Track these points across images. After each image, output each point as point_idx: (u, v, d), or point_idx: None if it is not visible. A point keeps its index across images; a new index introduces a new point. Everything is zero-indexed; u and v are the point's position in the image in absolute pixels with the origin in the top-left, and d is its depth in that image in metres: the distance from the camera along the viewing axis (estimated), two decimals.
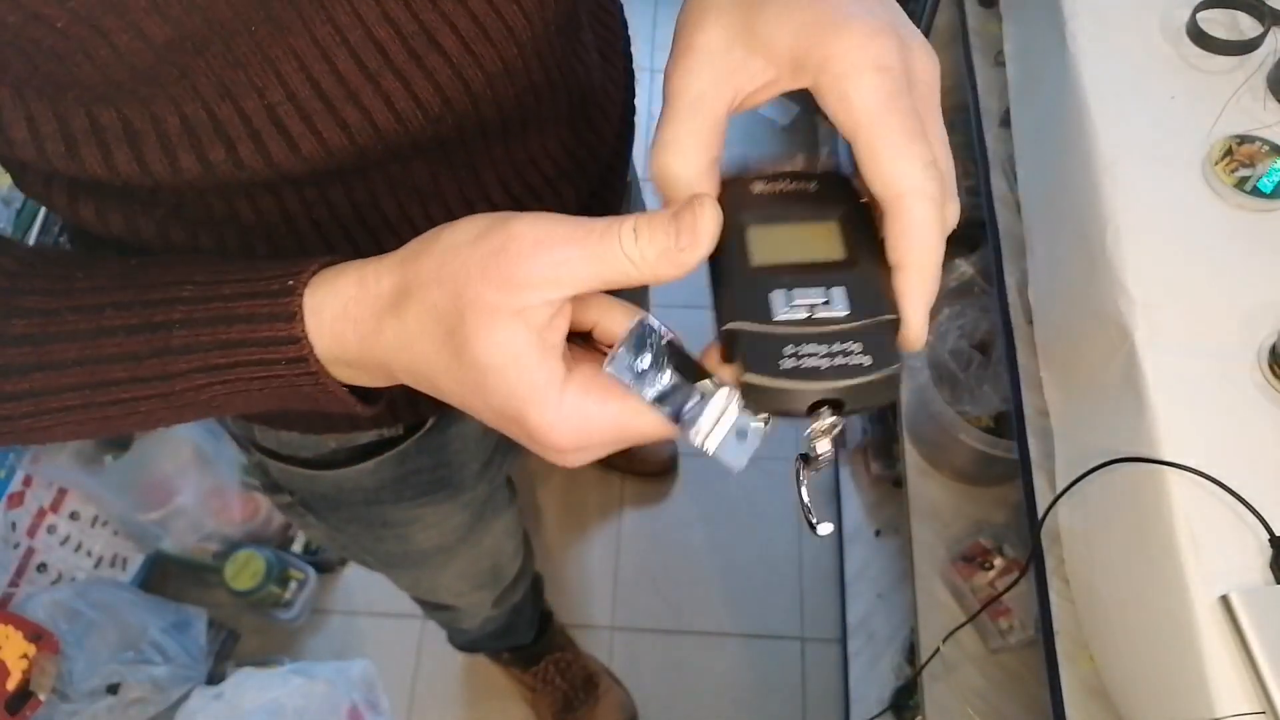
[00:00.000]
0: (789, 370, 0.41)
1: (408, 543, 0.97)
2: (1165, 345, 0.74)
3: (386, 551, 1.01)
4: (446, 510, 0.94)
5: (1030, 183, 1.02)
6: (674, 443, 2.04)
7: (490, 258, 0.40)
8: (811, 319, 0.42)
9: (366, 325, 0.43)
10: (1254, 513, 0.66)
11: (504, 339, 0.40)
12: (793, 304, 0.42)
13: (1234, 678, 0.61)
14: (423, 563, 1.06)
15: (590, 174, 0.70)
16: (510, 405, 0.41)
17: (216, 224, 0.55)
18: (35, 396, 0.47)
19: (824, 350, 0.41)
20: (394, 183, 0.57)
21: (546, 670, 1.75)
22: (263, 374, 0.46)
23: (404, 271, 0.43)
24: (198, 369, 0.46)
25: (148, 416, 0.49)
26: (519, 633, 1.64)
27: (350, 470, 0.80)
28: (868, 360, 0.41)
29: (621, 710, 1.78)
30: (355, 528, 0.95)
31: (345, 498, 0.86)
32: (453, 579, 1.16)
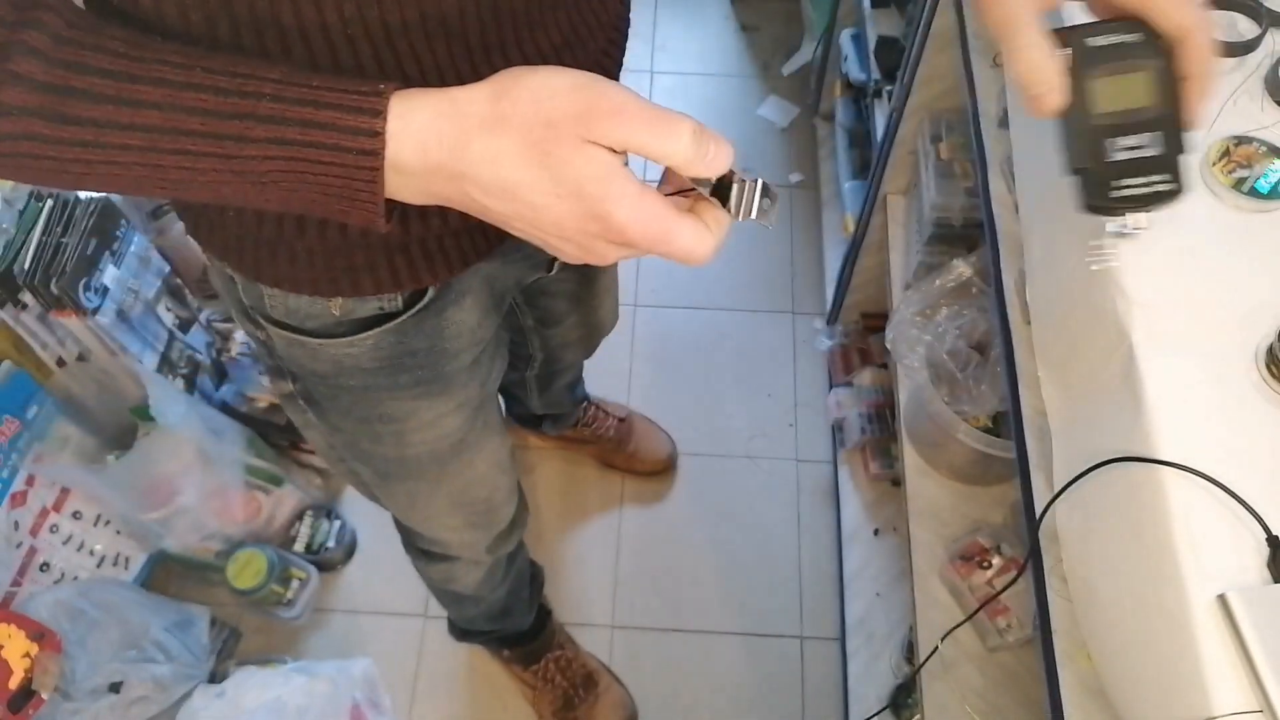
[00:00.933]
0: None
1: (403, 443, 0.99)
2: (1163, 345, 0.74)
3: (383, 455, 1.02)
4: (441, 408, 0.97)
5: (1028, 182, 1.02)
6: (673, 442, 2.04)
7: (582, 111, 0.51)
8: (1134, 160, 0.65)
9: (453, 139, 0.52)
10: (1251, 512, 0.66)
11: (599, 158, 0.52)
12: (1121, 149, 0.65)
13: (1231, 677, 0.62)
14: (418, 473, 1.07)
15: (590, 50, 0.77)
16: (602, 205, 0.52)
17: (259, 25, 0.59)
18: (98, 126, 0.52)
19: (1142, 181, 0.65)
20: (425, 11, 0.61)
21: (547, 668, 1.76)
22: (329, 159, 0.52)
23: (498, 101, 0.52)
24: (274, 139, 0.52)
25: (195, 177, 0.54)
26: (516, 616, 1.65)
27: (350, 343, 0.85)
28: (1174, 185, 0.65)
29: (622, 708, 1.79)
30: (352, 424, 0.97)
31: (344, 379, 0.89)
32: (446, 507, 1.17)
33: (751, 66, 2.73)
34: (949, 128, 1.51)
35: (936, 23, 1.36)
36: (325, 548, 1.89)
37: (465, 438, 1.04)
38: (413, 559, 1.42)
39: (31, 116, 0.51)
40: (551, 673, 1.77)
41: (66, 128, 0.52)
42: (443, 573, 1.41)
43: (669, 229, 0.53)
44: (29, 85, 0.51)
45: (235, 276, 0.83)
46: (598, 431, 2.00)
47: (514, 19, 0.67)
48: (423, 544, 1.33)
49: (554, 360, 1.56)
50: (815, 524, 2.00)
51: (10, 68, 0.50)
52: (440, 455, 1.04)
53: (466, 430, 1.03)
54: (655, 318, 2.28)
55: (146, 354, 1.75)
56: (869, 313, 2.04)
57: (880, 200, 1.74)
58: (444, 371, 0.93)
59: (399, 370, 0.89)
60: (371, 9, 0.59)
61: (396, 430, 0.97)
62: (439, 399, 0.96)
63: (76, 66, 0.51)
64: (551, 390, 1.77)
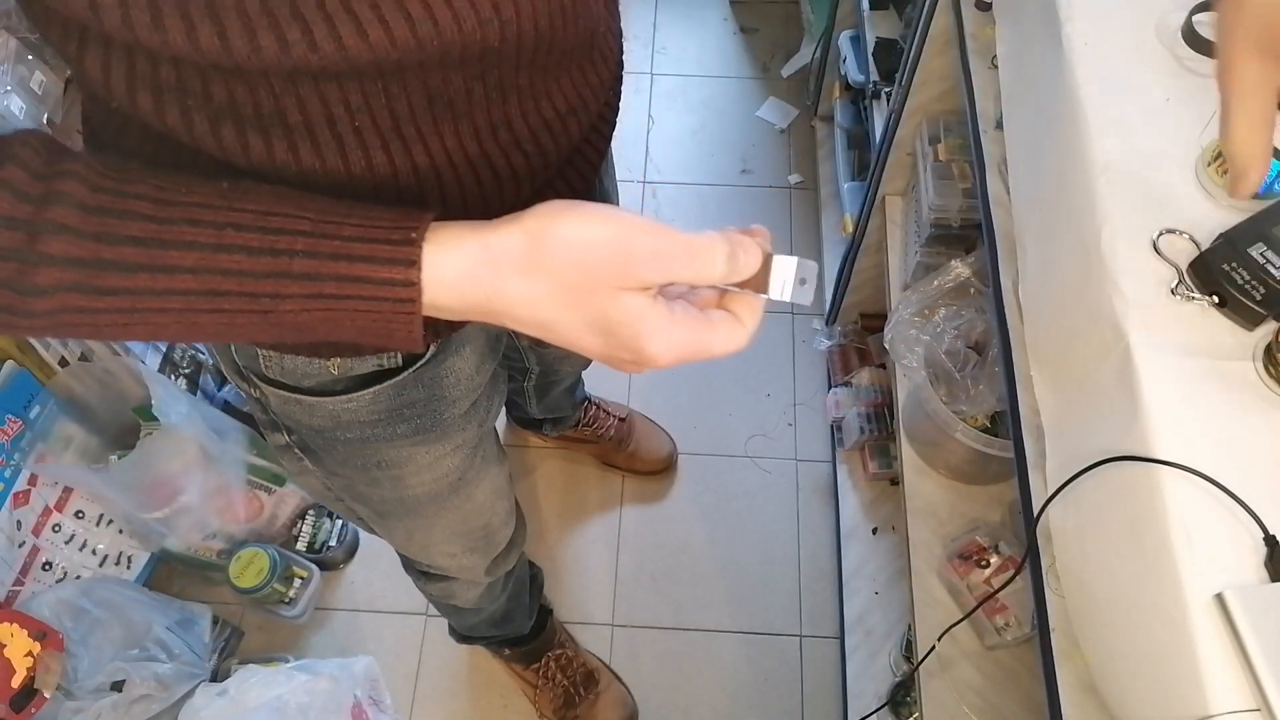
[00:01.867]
0: None
1: (401, 486, 0.99)
2: (1160, 345, 0.74)
3: (381, 497, 1.02)
4: (438, 452, 0.97)
5: (1022, 184, 1.02)
6: (673, 441, 2.05)
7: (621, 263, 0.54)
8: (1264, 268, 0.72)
9: (489, 283, 0.54)
10: (1249, 511, 0.67)
11: (632, 304, 0.55)
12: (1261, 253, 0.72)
13: (1228, 676, 0.62)
14: (416, 511, 1.07)
15: (591, 112, 0.77)
16: (634, 343, 0.56)
17: (264, 123, 0.59)
18: (134, 294, 0.52)
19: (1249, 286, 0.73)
20: (432, 96, 0.62)
21: (547, 667, 1.77)
22: (366, 309, 0.54)
23: (534, 248, 0.54)
24: (311, 295, 0.53)
25: (232, 328, 0.55)
26: (517, 621, 1.66)
27: (349, 400, 0.84)
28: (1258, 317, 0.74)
29: (622, 706, 1.79)
30: (350, 470, 0.97)
31: (341, 433, 0.89)
32: (445, 536, 1.17)
33: (750, 68, 2.74)
34: (947, 129, 1.52)
35: (935, 25, 1.36)
36: (327, 547, 1.89)
37: (464, 475, 1.04)
38: (411, 576, 1.43)
39: (67, 292, 0.51)
40: (552, 671, 1.77)
41: (103, 299, 0.52)
42: (442, 590, 1.41)
43: (701, 347, 0.58)
44: (62, 264, 0.50)
45: None
46: (598, 431, 2.00)
47: (519, 94, 0.67)
48: (421, 566, 1.33)
49: (550, 372, 1.56)
50: (814, 523, 2.01)
51: (42, 249, 0.50)
52: (439, 495, 1.04)
53: (465, 469, 1.03)
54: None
55: (149, 354, 1.76)
56: (867, 313, 2.04)
57: (879, 201, 1.74)
58: (442, 419, 0.93)
59: (397, 421, 0.89)
60: (378, 97, 0.60)
61: (394, 475, 0.97)
62: (437, 444, 0.96)
63: (107, 238, 0.51)
64: (550, 397, 1.77)
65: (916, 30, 1.42)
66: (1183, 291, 0.76)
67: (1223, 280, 0.75)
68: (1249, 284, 0.74)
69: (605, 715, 1.79)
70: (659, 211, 2.45)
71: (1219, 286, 0.75)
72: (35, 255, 0.50)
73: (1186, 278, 0.77)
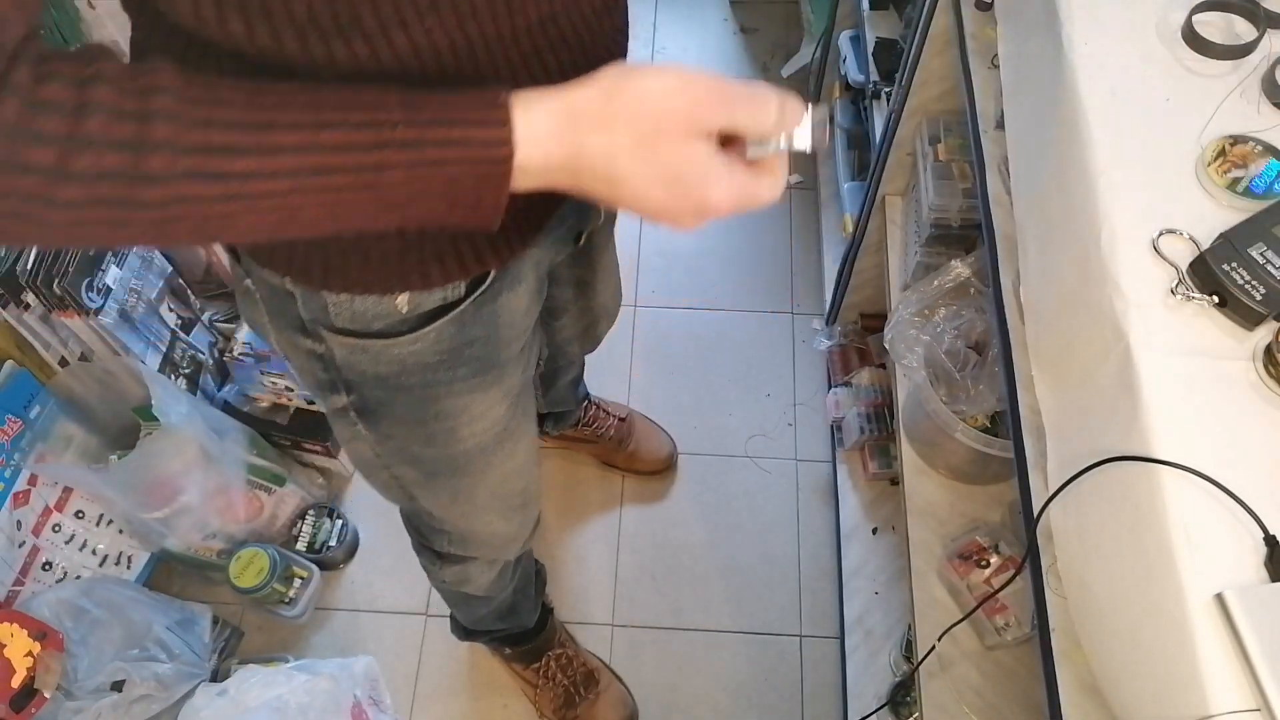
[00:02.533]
0: None
1: (454, 440, 1.02)
2: (1160, 345, 0.75)
3: (433, 456, 1.05)
4: (492, 399, 1.00)
5: (1023, 184, 1.02)
6: (673, 441, 2.05)
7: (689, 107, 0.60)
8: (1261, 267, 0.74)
9: (572, 138, 0.59)
10: (1249, 511, 0.67)
11: (700, 150, 0.61)
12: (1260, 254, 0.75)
13: (1228, 675, 0.62)
14: (465, 468, 1.09)
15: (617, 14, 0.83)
16: (699, 190, 0.62)
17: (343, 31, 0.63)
18: (243, 179, 0.54)
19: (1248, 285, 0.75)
20: None
21: (548, 666, 1.77)
22: (465, 171, 0.58)
23: (610, 101, 0.60)
24: (414, 163, 0.57)
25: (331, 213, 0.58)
26: (522, 614, 1.67)
27: (415, 340, 0.87)
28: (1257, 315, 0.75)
29: (622, 705, 1.79)
30: (405, 429, 1.00)
31: (405, 379, 0.92)
32: (488, 499, 1.19)
33: (750, 68, 2.74)
34: (947, 129, 1.52)
35: (934, 25, 1.36)
36: (327, 547, 1.89)
37: (509, 425, 1.07)
38: (425, 562, 1.42)
39: (180, 180, 0.52)
40: (552, 670, 1.77)
41: (212, 184, 0.53)
42: (457, 575, 1.41)
43: (752, 194, 0.64)
44: (173, 150, 0.51)
45: (295, 292, 0.84)
46: (598, 431, 2.00)
47: None
48: (442, 545, 1.33)
49: (558, 355, 1.57)
50: (814, 523, 2.01)
51: (152, 137, 0.51)
52: (487, 447, 1.07)
53: (509, 418, 1.06)
54: (655, 318, 2.29)
55: (149, 354, 1.76)
56: (868, 313, 2.05)
57: (879, 201, 1.74)
58: (499, 360, 0.97)
59: (458, 363, 0.92)
60: None
61: (450, 427, 1.00)
62: (491, 390, 0.99)
63: (214, 124, 0.53)
64: (556, 388, 1.78)
65: (916, 30, 1.42)
66: (1183, 291, 0.77)
67: (1223, 280, 0.75)
68: (1249, 284, 0.74)
69: (605, 715, 1.78)
70: None
71: (1219, 286, 0.75)
72: (147, 143, 0.51)
73: (1186, 278, 0.77)
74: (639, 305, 2.30)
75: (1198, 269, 0.77)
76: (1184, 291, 0.77)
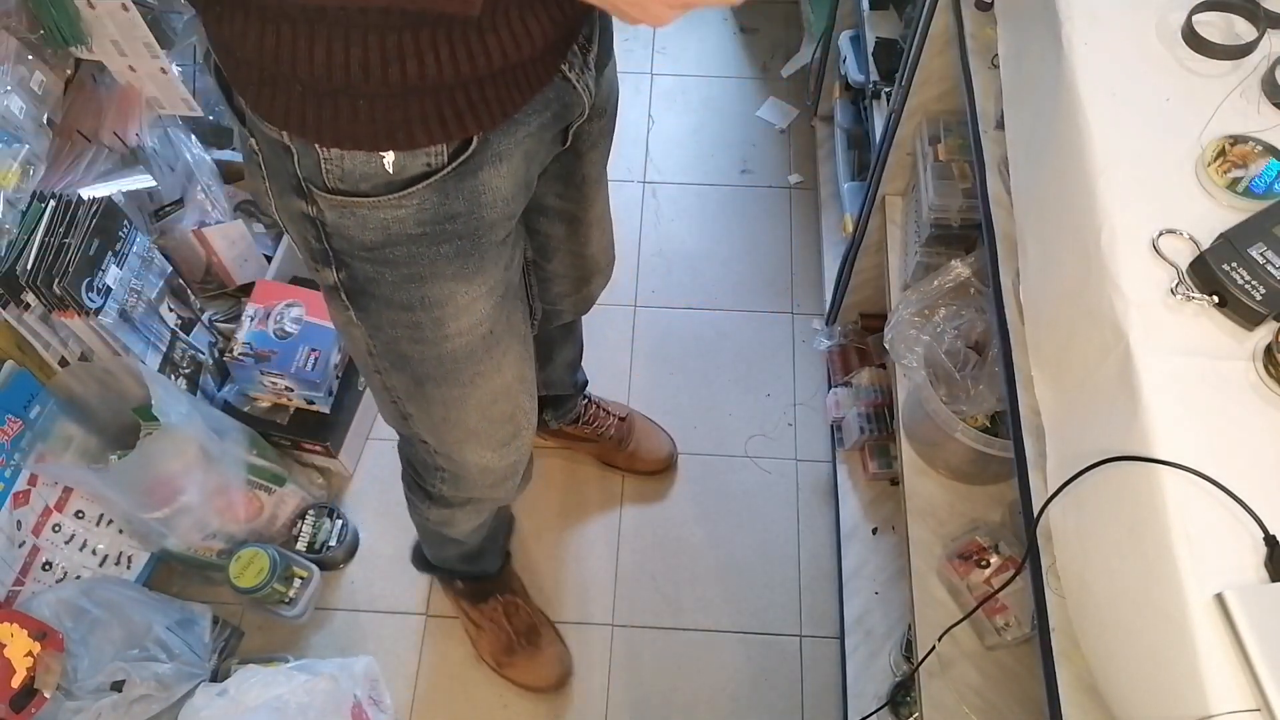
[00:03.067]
0: None
1: (442, 334, 1.05)
2: (1160, 345, 0.75)
3: (421, 355, 1.08)
4: (476, 289, 1.03)
5: (1023, 184, 1.02)
6: (673, 441, 2.05)
7: None
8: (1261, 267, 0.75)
9: None
10: (1249, 511, 0.67)
11: None
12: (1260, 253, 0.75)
13: (1228, 675, 0.62)
14: (454, 374, 1.12)
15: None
16: None
17: None
18: None
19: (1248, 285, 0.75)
20: None
21: (494, 610, 1.81)
22: None
23: None
24: None
25: None
26: (487, 560, 1.72)
27: (399, 203, 0.91)
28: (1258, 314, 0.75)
29: (559, 664, 1.83)
30: (394, 314, 1.03)
31: (390, 252, 0.95)
32: (478, 420, 1.21)
33: (750, 68, 2.74)
34: (947, 129, 1.52)
35: (934, 25, 1.36)
36: (327, 547, 1.89)
37: (494, 329, 1.10)
38: (414, 499, 1.46)
39: None
40: (498, 615, 1.81)
41: None
42: (442, 517, 1.45)
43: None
44: None
45: (292, 147, 0.88)
46: (598, 430, 2.01)
47: None
48: (435, 484, 1.36)
49: (553, 315, 1.57)
50: (814, 523, 2.01)
51: None
52: (474, 351, 1.10)
53: (495, 319, 1.09)
54: (655, 318, 2.29)
55: (149, 354, 1.76)
56: (868, 313, 2.05)
57: (879, 201, 1.74)
58: (480, 243, 1.00)
59: (440, 239, 0.96)
60: None
61: (436, 318, 1.03)
62: (474, 279, 1.02)
63: None
64: (552, 365, 1.78)
65: (916, 30, 1.42)
66: (1183, 291, 0.77)
67: (1223, 280, 0.75)
68: (1249, 284, 0.74)
69: (540, 670, 1.82)
70: (659, 211, 2.45)
71: (1219, 286, 0.75)
72: None
73: (1186, 278, 0.77)
74: (639, 305, 2.30)
75: (1198, 269, 0.77)
76: (1184, 291, 0.77)
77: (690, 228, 2.43)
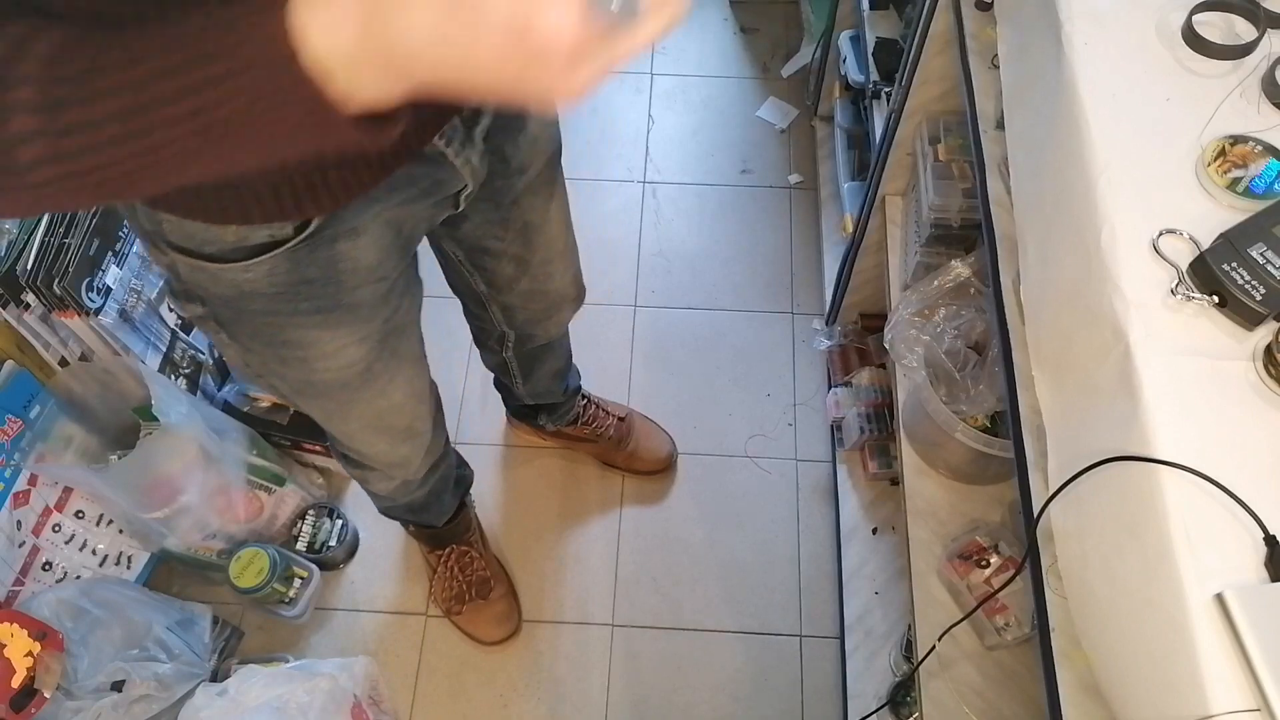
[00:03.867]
0: None
1: (310, 369, 1.03)
2: (1160, 345, 0.75)
3: (294, 377, 1.06)
4: (342, 339, 1.00)
5: (1023, 183, 1.02)
6: (672, 441, 2.05)
7: None
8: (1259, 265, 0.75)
9: (364, 12, 0.46)
10: (1249, 511, 0.67)
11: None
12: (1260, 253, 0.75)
13: (1229, 675, 0.62)
14: (328, 395, 1.11)
15: None
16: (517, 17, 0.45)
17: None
18: (81, 130, 0.49)
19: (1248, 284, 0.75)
20: None
21: (449, 558, 1.85)
22: (267, 77, 0.47)
23: None
24: (209, 79, 0.48)
25: (187, 151, 0.51)
26: (431, 514, 1.74)
27: (247, 268, 0.87)
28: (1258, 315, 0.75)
29: (505, 621, 1.86)
30: (260, 347, 1.01)
31: (245, 304, 0.92)
32: (362, 428, 1.21)
33: (750, 68, 2.74)
34: (947, 129, 1.52)
35: (935, 25, 1.36)
36: (327, 547, 1.89)
37: (372, 367, 1.07)
38: (335, 455, 1.47)
39: (36, 140, 0.49)
40: (451, 564, 1.85)
41: (65, 140, 0.50)
42: (358, 475, 1.47)
43: None
44: (26, 110, 0.49)
45: (136, 204, 0.86)
46: (597, 430, 2.00)
47: None
48: (343, 449, 1.37)
49: (526, 339, 1.56)
50: (814, 523, 2.01)
51: (9, 98, 0.49)
52: (348, 383, 1.07)
53: (373, 360, 1.06)
54: (655, 318, 2.29)
55: (149, 354, 1.76)
56: (867, 313, 2.05)
57: (879, 201, 1.74)
58: (340, 303, 0.96)
59: (297, 298, 0.92)
60: None
61: (301, 357, 1.00)
62: (340, 329, 0.99)
63: (62, 80, 0.49)
64: (536, 375, 1.77)
65: (916, 30, 1.42)
66: (1183, 291, 0.77)
67: (1223, 280, 0.75)
68: (1249, 284, 0.74)
69: (485, 624, 1.85)
70: (659, 211, 2.45)
71: (1219, 286, 0.75)
72: (8, 102, 0.48)
73: (1186, 278, 0.77)
74: (639, 305, 2.30)
75: (1198, 269, 0.77)
76: (1184, 291, 0.77)
77: (690, 228, 2.43)
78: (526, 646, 1.87)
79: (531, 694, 1.83)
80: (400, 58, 0.48)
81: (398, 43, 0.47)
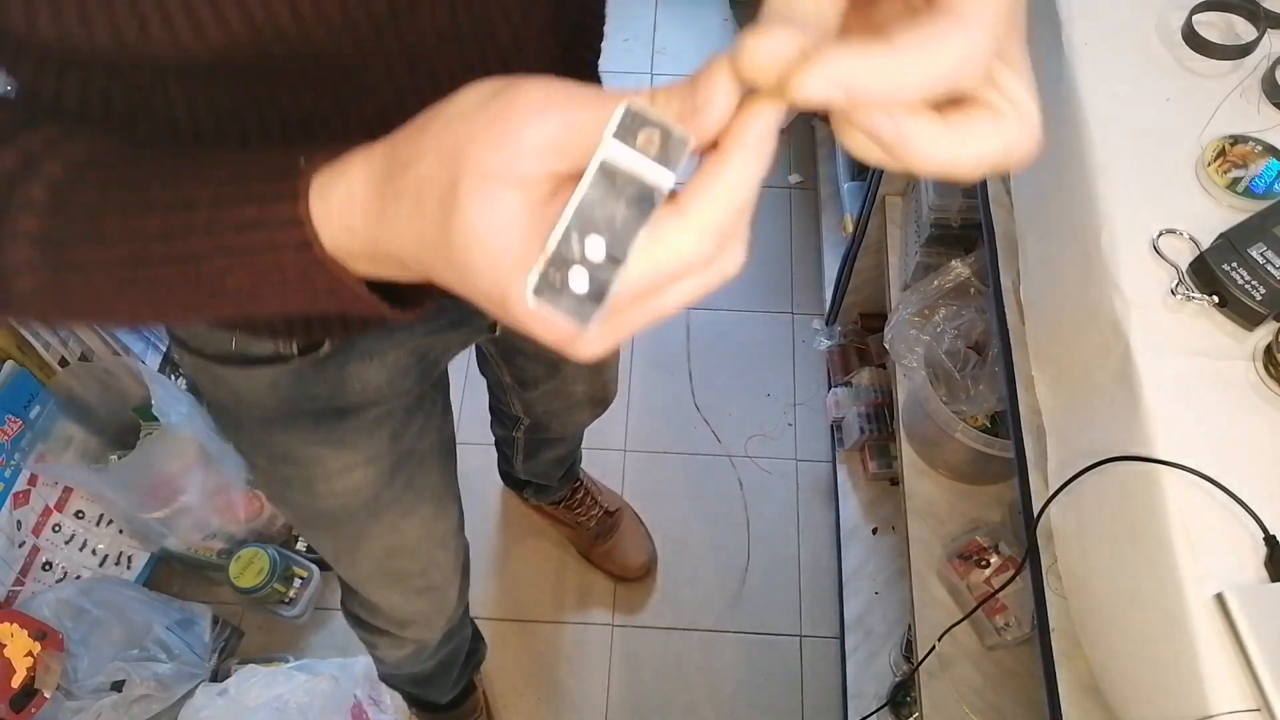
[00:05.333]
0: None
1: (312, 492, 0.91)
2: (1160, 345, 0.75)
3: (297, 502, 0.95)
4: (348, 460, 0.89)
5: (1023, 184, 1.03)
6: (653, 548, 1.98)
7: (495, 119, 0.35)
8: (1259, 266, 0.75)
9: (371, 207, 0.39)
10: (1249, 511, 0.67)
11: (496, 208, 0.35)
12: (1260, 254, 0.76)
13: (1229, 675, 0.62)
14: (334, 527, 0.99)
15: None
16: (496, 287, 0.36)
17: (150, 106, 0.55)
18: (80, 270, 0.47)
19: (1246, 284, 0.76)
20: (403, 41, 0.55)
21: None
22: (274, 260, 0.43)
23: (405, 143, 0.38)
24: (218, 250, 0.43)
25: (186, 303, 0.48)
26: (435, 691, 1.55)
27: (248, 375, 0.80)
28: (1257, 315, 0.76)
29: None
30: (264, 462, 0.92)
31: (244, 413, 0.84)
32: (370, 569, 1.07)
33: None
34: None
35: None
36: None
37: (381, 495, 0.94)
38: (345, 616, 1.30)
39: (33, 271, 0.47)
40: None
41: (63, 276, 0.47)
42: (368, 641, 1.32)
43: None
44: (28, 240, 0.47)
45: None
46: (579, 517, 1.89)
47: None
48: (352, 603, 1.23)
49: (541, 428, 1.48)
50: (814, 523, 2.00)
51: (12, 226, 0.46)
52: (354, 513, 0.95)
53: (382, 488, 0.94)
54: None
55: (149, 354, 1.76)
56: (867, 313, 2.05)
57: (879, 201, 1.74)
58: (346, 422, 0.86)
59: (298, 413, 0.84)
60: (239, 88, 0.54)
61: (303, 477, 0.90)
62: (345, 449, 0.89)
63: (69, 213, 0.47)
64: (537, 459, 1.67)
65: None
66: (1183, 291, 0.77)
67: (1223, 280, 0.75)
68: (1249, 284, 0.74)
69: None
70: None
71: (1219, 286, 0.75)
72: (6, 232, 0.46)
73: (1186, 278, 0.77)
74: None
75: (1198, 269, 0.77)
76: (1184, 291, 0.77)
77: None
78: (527, 646, 1.87)
79: (531, 694, 1.83)
80: (413, 268, 0.42)
81: (395, 255, 0.41)
